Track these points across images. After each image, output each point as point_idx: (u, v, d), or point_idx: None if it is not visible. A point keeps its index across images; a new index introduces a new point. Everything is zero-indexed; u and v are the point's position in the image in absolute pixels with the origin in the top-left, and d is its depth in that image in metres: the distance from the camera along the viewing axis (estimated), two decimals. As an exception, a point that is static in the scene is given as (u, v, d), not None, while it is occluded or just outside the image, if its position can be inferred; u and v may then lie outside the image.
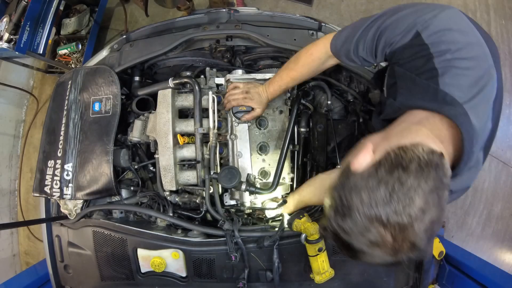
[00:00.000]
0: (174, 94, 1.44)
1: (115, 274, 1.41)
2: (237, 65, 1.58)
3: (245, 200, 1.36)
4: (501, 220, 2.79)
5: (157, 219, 1.46)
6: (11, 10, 2.31)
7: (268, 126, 1.43)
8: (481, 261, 1.55)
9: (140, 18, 3.21)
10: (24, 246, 3.21)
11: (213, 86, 1.48)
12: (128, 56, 1.53)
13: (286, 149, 1.32)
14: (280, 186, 1.40)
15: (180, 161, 1.43)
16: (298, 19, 1.49)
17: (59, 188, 1.41)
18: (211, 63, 1.60)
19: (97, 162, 1.39)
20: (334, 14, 2.98)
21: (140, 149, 1.58)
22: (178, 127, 1.43)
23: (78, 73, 1.52)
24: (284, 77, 1.17)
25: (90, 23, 2.97)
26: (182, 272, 1.36)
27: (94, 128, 1.43)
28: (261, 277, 1.30)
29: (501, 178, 2.79)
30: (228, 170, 1.22)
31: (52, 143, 1.47)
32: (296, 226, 1.17)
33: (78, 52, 2.87)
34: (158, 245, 1.33)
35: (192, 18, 1.54)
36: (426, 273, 1.36)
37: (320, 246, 1.16)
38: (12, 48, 2.22)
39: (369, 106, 1.49)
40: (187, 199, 1.41)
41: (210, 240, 1.31)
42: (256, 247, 1.28)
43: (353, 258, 0.68)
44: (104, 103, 1.45)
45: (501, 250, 2.82)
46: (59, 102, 1.51)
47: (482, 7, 2.92)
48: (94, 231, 1.40)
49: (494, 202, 2.77)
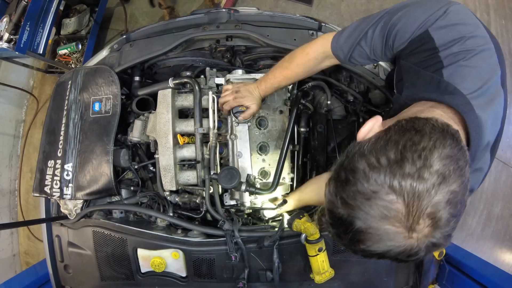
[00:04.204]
0: (174, 94, 1.44)
1: (115, 274, 1.41)
2: (237, 65, 1.58)
3: (245, 200, 1.36)
4: (501, 220, 2.79)
5: (157, 219, 1.45)
6: (11, 10, 2.31)
7: (268, 126, 1.43)
8: (481, 261, 1.55)
9: (140, 18, 3.21)
10: (24, 246, 3.21)
11: (213, 86, 1.48)
12: (128, 56, 1.53)
13: (286, 149, 1.32)
14: (280, 186, 1.40)
15: (180, 161, 1.43)
16: (298, 19, 1.49)
17: (59, 188, 1.41)
18: (211, 63, 1.60)
19: (97, 162, 1.39)
20: (334, 14, 2.98)
21: (140, 149, 1.58)
22: (178, 127, 1.43)
23: (78, 73, 1.52)
24: (278, 76, 1.14)
25: (90, 23, 2.97)
26: (182, 272, 1.36)
27: (94, 128, 1.43)
28: (261, 277, 1.30)
29: (501, 178, 2.79)
30: (228, 171, 1.22)
31: (52, 143, 1.47)
32: (296, 226, 1.17)
33: (78, 52, 2.87)
34: (158, 245, 1.33)
35: (192, 18, 1.54)
36: (426, 273, 1.36)
37: (320, 246, 1.17)
38: (12, 48, 2.22)
39: (369, 106, 1.49)
40: (187, 199, 1.41)
41: (210, 240, 1.31)
42: (256, 247, 1.28)
43: (355, 247, 0.56)
44: (104, 103, 1.45)
45: (501, 250, 2.82)
46: (59, 102, 1.51)
47: (482, 7, 2.92)
48: (94, 231, 1.40)
49: (494, 202, 2.77)
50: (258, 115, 1.39)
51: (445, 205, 0.50)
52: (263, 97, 1.27)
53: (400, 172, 0.49)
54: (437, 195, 0.49)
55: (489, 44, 0.75)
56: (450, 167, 0.51)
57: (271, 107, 1.44)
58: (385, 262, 1.33)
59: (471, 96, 0.70)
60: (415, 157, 0.50)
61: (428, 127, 0.54)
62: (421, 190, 0.49)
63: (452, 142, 0.54)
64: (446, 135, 0.54)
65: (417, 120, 0.57)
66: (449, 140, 0.53)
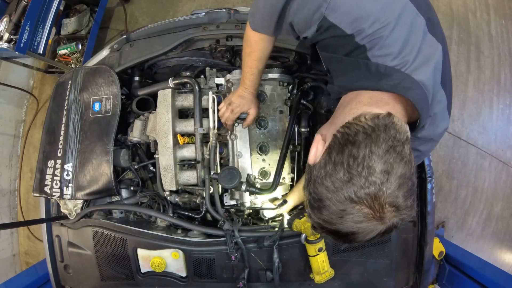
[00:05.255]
0: (174, 94, 1.44)
1: (115, 274, 1.42)
2: (237, 65, 1.58)
3: (245, 200, 1.36)
4: (501, 220, 2.79)
5: (157, 219, 1.46)
6: (11, 10, 2.31)
7: (268, 126, 1.43)
8: (481, 261, 1.55)
9: (140, 18, 3.21)
10: (24, 246, 3.21)
11: (213, 86, 1.48)
12: (128, 56, 1.53)
13: (286, 149, 1.32)
14: (280, 186, 1.40)
15: (180, 161, 1.43)
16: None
17: (59, 188, 1.41)
18: (211, 63, 1.60)
19: (97, 162, 1.39)
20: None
21: (140, 149, 1.58)
22: (178, 127, 1.43)
23: (78, 73, 1.52)
24: (250, 63, 1.11)
25: (90, 23, 2.97)
26: (182, 272, 1.36)
27: (94, 128, 1.43)
28: (261, 277, 1.30)
29: (501, 178, 2.79)
30: (228, 171, 1.22)
31: (52, 143, 1.47)
32: (296, 226, 1.17)
33: (78, 52, 2.87)
34: (158, 245, 1.33)
35: (192, 18, 1.54)
36: (426, 273, 1.36)
37: (320, 246, 1.17)
38: (12, 48, 2.22)
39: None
40: (187, 199, 1.41)
41: (210, 240, 1.31)
42: (256, 247, 1.28)
43: (351, 242, 0.68)
44: (104, 103, 1.45)
45: (501, 250, 2.83)
46: (59, 102, 1.51)
47: (482, 7, 2.92)
48: (94, 231, 1.40)
49: (494, 202, 2.78)
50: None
51: (398, 191, 0.61)
52: (255, 93, 1.25)
53: (353, 187, 0.60)
54: (388, 188, 0.60)
55: (401, 1, 0.70)
56: (390, 159, 0.60)
57: (271, 107, 1.44)
58: (385, 262, 1.33)
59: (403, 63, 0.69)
60: (360, 169, 0.60)
61: (360, 135, 0.63)
62: (375, 192, 0.60)
63: (385, 135, 0.62)
64: (378, 132, 0.62)
65: (348, 129, 0.65)
66: (382, 135, 0.62)
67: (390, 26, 0.69)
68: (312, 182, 0.67)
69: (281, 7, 0.82)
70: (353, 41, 0.71)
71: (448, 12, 2.88)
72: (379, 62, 0.71)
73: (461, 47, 2.83)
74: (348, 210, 0.62)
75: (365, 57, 0.72)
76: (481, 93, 2.80)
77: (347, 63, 0.76)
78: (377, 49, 0.71)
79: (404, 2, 0.71)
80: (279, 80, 1.45)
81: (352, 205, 0.61)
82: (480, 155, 2.76)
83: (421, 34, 0.72)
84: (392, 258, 1.33)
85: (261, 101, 1.41)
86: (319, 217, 0.67)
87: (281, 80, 1.45)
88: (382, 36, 0.69)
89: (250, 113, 1.28)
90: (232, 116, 1.27)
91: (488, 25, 2.89)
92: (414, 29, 0.71)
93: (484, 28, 2.89)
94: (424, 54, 0.72)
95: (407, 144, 0.64)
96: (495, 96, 2.82)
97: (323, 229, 0.69)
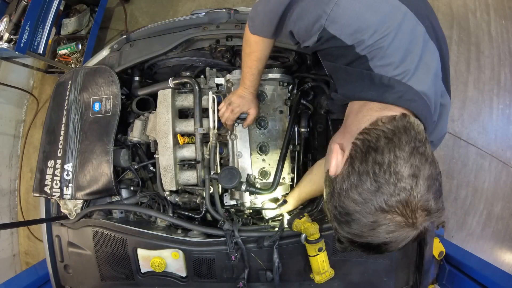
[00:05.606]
0: (174, 94, 1.44)
1: (115, 274, 1.41)
2: (237, 65, 1.58)
3: (245, 200, 1.36)
4: (501, 220, 2.79)
5: (157, 219, 1.46)
6: (11, 10, 2.31)
7: (268, 126, 1.43)
8: (481, 261, 1.55)
9: (140, 18, 3.21)
10: (24, 246, 3.21)
11: (213, 86, 1.48)
12: (128, 56, 1.53)
13: (286, 149, 1.32)
14: (280, 186, 1.40)
15: (180, 161, 1.43)
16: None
17: (59, 188, 1.41)
18: (211, 63, 1.60)
19: (97, 162, 1.39)
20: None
21: (140, 149, 1.58)
22: (178, 127, 1.43)
23: (78, 73, 1.52)
24: (250, 63, 1.12)
25: (90, 23, 2.97)
26: (182, 272, 1.36)
27: (94, 128, 1.43)
28: (261, 277, 1.30)
29: (501, 178, 2.79)
30: (228, 171, 1.22)
31: (52, 143, 1.47)
32: (296, 226, 1.17)
33: (78, 52, 2.87)
34: (158, 245, 1.33)
35: (192, 18, 1.54)
36: (426, 273, 1.36)
37: (320, 246, 1.17)
38: (12, 48, 2.22)
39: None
40: (187, 199, 1.41)
41: (210, 240, 1.31)
42: (256, 247, 1.28)
43: (383, 253, 0.66)
44: (104, 103, 1.45)
45: (501, 250, 2.83)
46: (59, 102, 1.51)
47: (482, 7, 2.92)
48: (94, 231, 1.40)
49: (494, 202, 2.78)
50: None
51: (428, 193, 0.59)
52: (255, 93, 1.26)
53: (383, 196, 0.58)
54: (419, 192, 0.58)
55: (400, 11, 0.70)
56: (415, 162, 0.58)
57: (271, 107, 1.44)
58: (385, 262, 1.33)
59: (404, 72, 0.69)
60: (387, 177, 0.58)
61: (382, 140, 0.60)
62: (406, 198, 0.57)
63: (407, 137, 0.60)
64: (400, 135, 0.60)
65: (367, 135, 0.63)
66: (404, 137, 0.60)
67: (390, 36, 0.69)
68: (336, 195, 0.64)
69: (281, 14, 0.82)
70: (354, 52, 0.71)
71: (448, 12, 2.89)
72: (382, 73, 0.71)
73: (461, 47, 2.83)
74: (379, 221, 0.59)
75: (368, 67, 0.72)
76: (481, 93, 2.80)
77: (351, 73, 0.75)
78: (378, 59, 0.70)
79: (403, 11, 0.70)
80: (279, 80, 1.45)
81: (384, 215, 0.59)
82: (480, 155, 2.77)
83: (421, 42, 0.72)
84: (392, 258, 1.33)
85: (261, 101, 1.41)
86: (348, 231, 0.64)
87: (281, 80, 1.45)
88: (382, 47, 0.69)
89: (250, 113, 1.28)
90: (232, 116, 1.27)
91: (488, 25, 2.89)
92: (415, 37, 0.71)
93: (484, 28, 2.89)
94: (425, 62, 0.72)
95: (428, 143, 0.63)
96: (495, 96, 2.82)
97: (353, 243, 0.66)
